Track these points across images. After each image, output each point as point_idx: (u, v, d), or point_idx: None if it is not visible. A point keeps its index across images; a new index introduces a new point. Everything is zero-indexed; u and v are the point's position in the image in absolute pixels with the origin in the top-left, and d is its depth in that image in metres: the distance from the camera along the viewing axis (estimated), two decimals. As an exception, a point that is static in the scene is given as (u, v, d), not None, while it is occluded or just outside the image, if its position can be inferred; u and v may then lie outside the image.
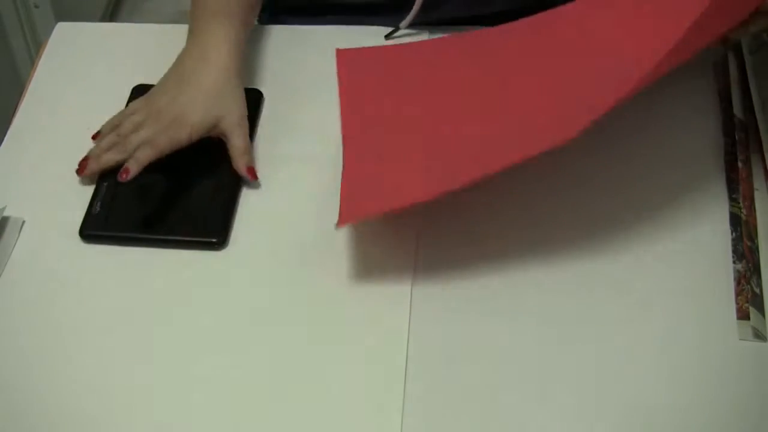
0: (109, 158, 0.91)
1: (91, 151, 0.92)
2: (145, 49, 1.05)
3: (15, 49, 1.90)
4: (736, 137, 0.92)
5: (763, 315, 0.80)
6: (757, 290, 0.81)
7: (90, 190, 0.91)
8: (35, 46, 1.90)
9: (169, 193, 0.91)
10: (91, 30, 1.10)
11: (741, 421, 0.74)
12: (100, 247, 0.87)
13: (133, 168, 0.88)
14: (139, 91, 0.97)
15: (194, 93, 0.90)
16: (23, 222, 0.89)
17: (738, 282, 0.82)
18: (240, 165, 0.91)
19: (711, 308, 0.81)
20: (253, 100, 0.97)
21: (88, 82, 1.02)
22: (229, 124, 0.91)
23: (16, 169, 0.94)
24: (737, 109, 0.95)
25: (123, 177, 0.88)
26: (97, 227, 0.88)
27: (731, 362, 0.77)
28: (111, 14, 2.30)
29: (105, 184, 0.91)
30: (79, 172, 0.91)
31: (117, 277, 0.85)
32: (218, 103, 0.90)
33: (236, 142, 0.91)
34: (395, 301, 0.82)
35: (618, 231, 0.86)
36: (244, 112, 0.92)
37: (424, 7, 1.01)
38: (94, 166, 0.91)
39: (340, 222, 0.79)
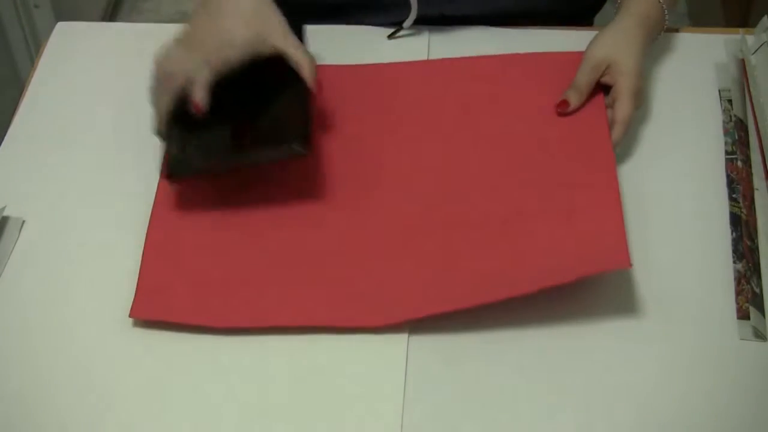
0: (162, 102, 0.87)
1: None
2: (145, 49, 1.05)
3: (15, 49, 1.90)
4: (736, 137, 0.92)
5: (763, 315, 0.80)
6: (757, 290, 0.81)
7: (89, 193, 0.91)
8: (35, 46, 1.90)
9: (240, 119, 0.90)
10: (91, 30, 1.10)
11: (741, 420, 0.74)
12: (98, 246, 0.87)
13: (198, 93, 0.85)
14: None
15: (235, 16, 0.86)
16: (23, 222, 0.89)
17: (738, 282, 0.82)
18: (309, 78, 0.88)
19: (711, 308, 0.81)
20: (296, 30, 0.93)
21: (88, 82, 1.02)
22: (278, 39, 0.87)
23: (16, 169, 0.94)
24: (737, 109, 0.95)
25: (197, 109, 0.85)
26: (183, 168, 0.87)
27: (731, 362, 0.77)
28: (111, 14, 2.30)
29: (175, 129, 0.88)
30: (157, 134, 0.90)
31: (117, 275, 0.85)
32: (261, 20, 0.87)
33: (296, 54, 0.88)
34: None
35: (618, 231, 0.86)
36: (288, 27, 0.89)
37: (423, 4, 1.01)
38: (156, 120, 0.88)
39: (132, 314, 0.81)
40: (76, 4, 2.06)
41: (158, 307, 0.81)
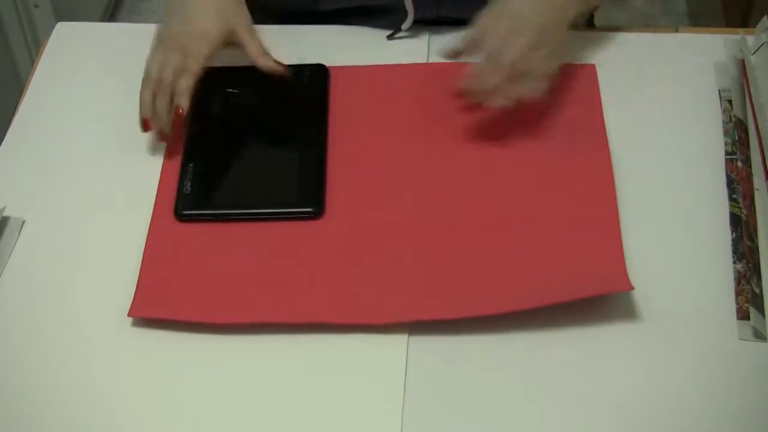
0: (161, 107, 0.91)
1: (142, 110, 0.92)
2: (145, 49, 1.05)
3: (15, 49, 1.90)
4: (736, 137, 0.92)
5: (763, 315, 0.79)
6: (757, 290, 0.81)
7: (89, 193, 0.92)
8: (35, 46, 1.90)
9: (257, 167, 0.92)
10: (91, 30, 1.10)
11: (741, 420, 0.74)
12: (98, 246, 0.87)
13: (182, 101, 0.90)
14: (204, 72, 0.97)
15: (203, 8, 0.92)
16: (23, 222, 0.89)
17: (738, 282, 0.82)
18: (266, 62, 0.94)
19: (711, 308, 0.80)
20: (321, 76, 0.98)
21: (88, 82, 1.02)
22: (243, 31, 0.94)
23: (16, 169, 0.94)
24: (737, 109, 0.95)
25: (179, 113, 0.89)
26: (192, 207, 0.88)
27: (731, 362, 0.77)
28: (111, 14, 2.30)
29: (191, 164, 0.91)
30: (144, 128, 0.92)
31: (117, 275, 0.85)
32: (228, 10, 0.93)
33: (253, 45, 0.94)
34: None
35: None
36: (252, 22, 0.95)
37: (420, 7, 1.01)
38: (156, 123, 0.92)
39: (131, 313, 0.81)
40: (76, 4, 2.06)
41: (157, 306, 0.81)
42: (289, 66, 0.99)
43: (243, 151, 0.92)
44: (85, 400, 0.77)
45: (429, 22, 1.04)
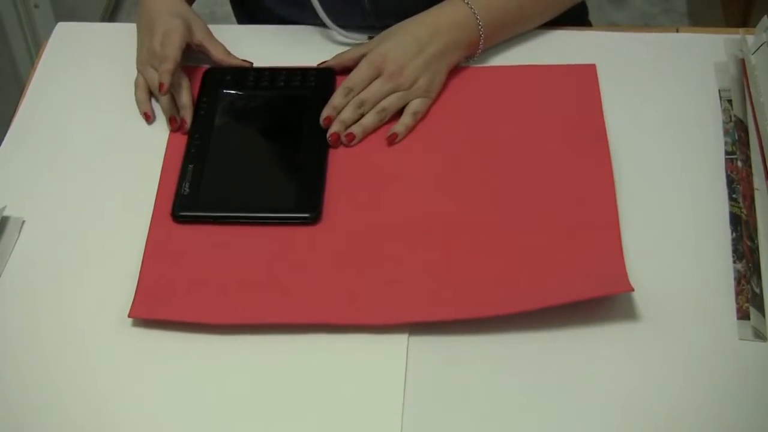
0: (164, 105, 0.97)
1: (140, 108, 0.99)
2: (145, 49, 1.05)
3: (15, 49, 1.90)
4: (736, 137, 0.92)
5: (763, 315, 0.79)
6: (757, 290, 0.81)
7: (89, 194, 0.92)
8: (35, 46, 1.90)
9: (257, 170, 0.92)
10: (91, 30, 1.10)
11: (741, 420, 0.74)
12: (98, 246, 0.87)
13: (164, 78, 0.94)
14: (212, 73, 1.00)
15: (159, 17, 0.99)
16: (23, 222, 0.89)
17: (738, 282, 0.82)
18: (233, 62, 1.00)
19: (711, 308, 0.80)
20: (326, 80, 0.98)
21: (88, 82, 1.02)
22: (202, 33, 1.01)
23: (16, 169, 0.94)
24: (737, 109, 0.95)
25: (161, 91, 0.94)
26: (189, 208, 0.88)
27: (731, 362, 0.77)
28: (111, 14, 2.30)
29: (191, 165, 0.91)
30: (147, 120, 0.98)
31: (117, 275, 0.84)
32: (181, 12, 1.00)
33: (216, 47, 1.01)
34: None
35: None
36: (207, 27, 1.02)
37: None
38: (168, 112, 0.97)
39: (131, 314, 0.81)
40: (76, 4, 2.06)
41: (158, 307, 0.81)
42: (295, 69, 0.99)
43: (243, 154, 0.92)
44: (85, 400, 0.77)
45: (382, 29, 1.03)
